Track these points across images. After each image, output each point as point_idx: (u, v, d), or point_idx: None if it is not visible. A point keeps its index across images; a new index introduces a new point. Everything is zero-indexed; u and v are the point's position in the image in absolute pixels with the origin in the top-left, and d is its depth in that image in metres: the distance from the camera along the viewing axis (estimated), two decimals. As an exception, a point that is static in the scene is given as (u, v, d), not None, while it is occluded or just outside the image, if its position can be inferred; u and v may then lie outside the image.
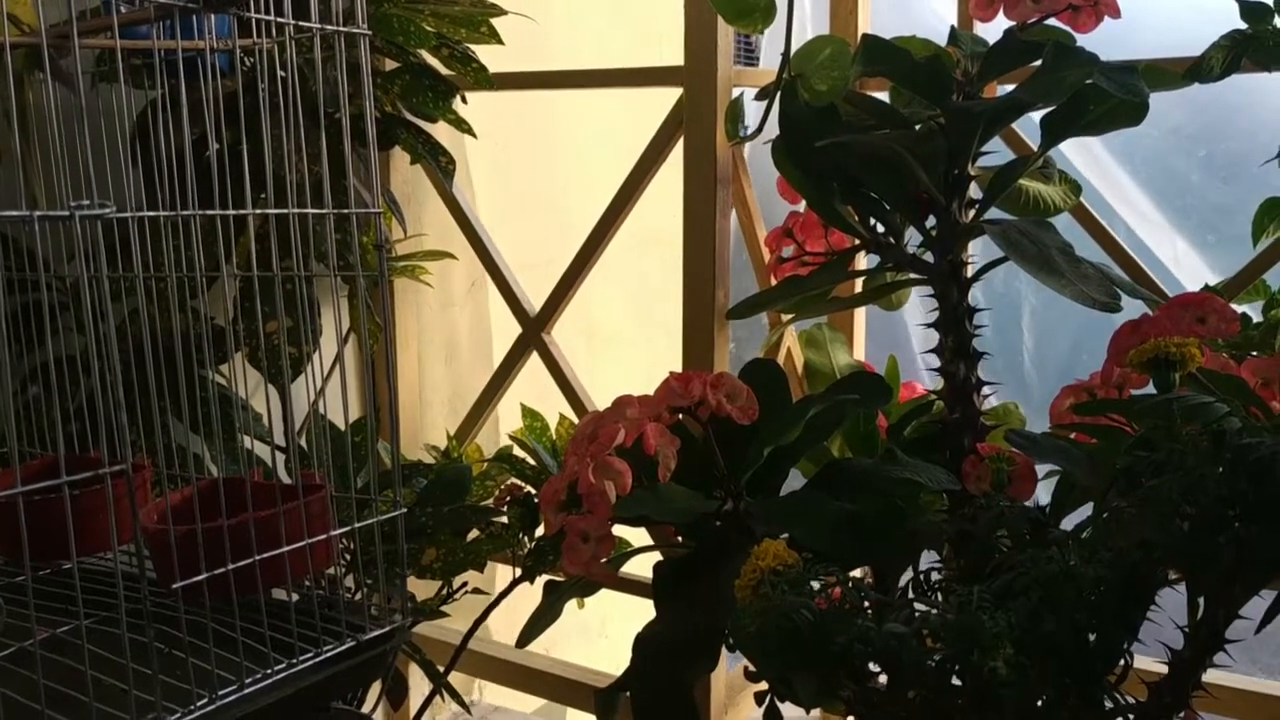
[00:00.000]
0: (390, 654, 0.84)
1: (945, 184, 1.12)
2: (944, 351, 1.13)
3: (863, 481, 1.02)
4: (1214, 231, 1.82)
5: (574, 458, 1.02)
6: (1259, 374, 0.94)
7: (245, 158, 0.78)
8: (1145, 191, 1.87)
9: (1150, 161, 1.88)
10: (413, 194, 1.63)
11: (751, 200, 1.42)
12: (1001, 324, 2.05)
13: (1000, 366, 2.17)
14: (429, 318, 1.73)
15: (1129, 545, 0.74)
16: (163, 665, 0.74)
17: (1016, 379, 2.04)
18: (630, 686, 0.97)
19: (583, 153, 1.97)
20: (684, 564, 1.06)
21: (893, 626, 0.71)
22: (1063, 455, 0.98)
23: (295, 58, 0.82)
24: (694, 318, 1.32)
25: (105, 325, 0.67)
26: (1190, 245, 1.84)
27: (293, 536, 0.80)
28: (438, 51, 1.26)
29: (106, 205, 0.64)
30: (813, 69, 1.11)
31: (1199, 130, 1.83)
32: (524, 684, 1.62)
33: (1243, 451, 0.70)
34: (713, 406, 1.01)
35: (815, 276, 1.24)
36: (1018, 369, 2.07)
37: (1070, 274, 1.02)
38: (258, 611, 0.78)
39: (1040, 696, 0.76)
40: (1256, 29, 0.92)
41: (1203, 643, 0.81)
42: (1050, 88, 1.02)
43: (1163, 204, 1.86)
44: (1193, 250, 1.83)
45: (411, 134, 1.25)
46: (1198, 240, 1.84)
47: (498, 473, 1.43)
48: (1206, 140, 1.83)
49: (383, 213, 0.85)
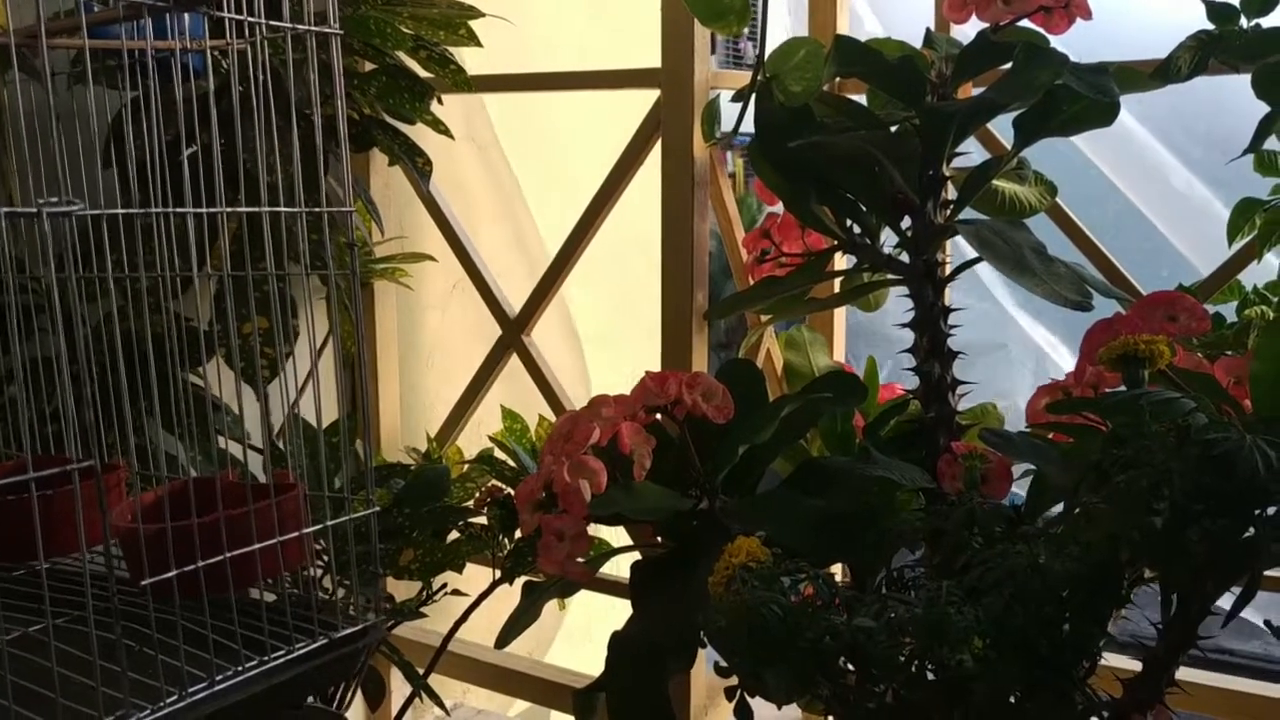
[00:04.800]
0: (363, 652, 0.84)
1: (920, 185, 1.13)
2: (919, 351, 1.14)
3: (838, 480, 1.02)
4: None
5: (550, 457, 1.02)
6: (1231, 373, 0.95)
7: (218, 157, 0.78)
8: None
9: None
10: (393, 197, 1.63)
11: (730, 202, 1.42)
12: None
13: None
14: (411, 320, 1.73)
15: (1097, 539, 0.75)
16: (135, 663, 0.74)
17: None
18: (605, 685, 0.97)
19: (567, 155, 1.97)
20: (661, 563, 1.06)
21: (861, 621, 0.71)
22: (1037, 454, 0.99)
23: (268, 58, 0.82)
24: (672, 318, 1.32)
25: (75, 322, 0.67)
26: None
27: (264, 535, 0.80)
28: (416, 54, 1.26)
29: (75, 203, 0.64)
30: (787, 70, 1.11)
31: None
32: (506, 686, 1.62)
33: (1209, 445, 0.71)
34: (689, 406, 1.02)
35: (792, 277, 1.25)
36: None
37: (1043, 273, 1.03)
38: (229, 610, 0.78)
39: (1011, 691, 0.77)
40: (1223, 30, 0.93)
41: (1176, 639, 0.81)
42: (1022, 88, 1.02)
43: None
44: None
45: (388, 135, 1.25)
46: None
47: (478, 475, 1.43)
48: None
49: (355, 211, 0.85)
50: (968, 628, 0.70)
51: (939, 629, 0.69)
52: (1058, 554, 0.74)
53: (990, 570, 0.75)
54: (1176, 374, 0.88)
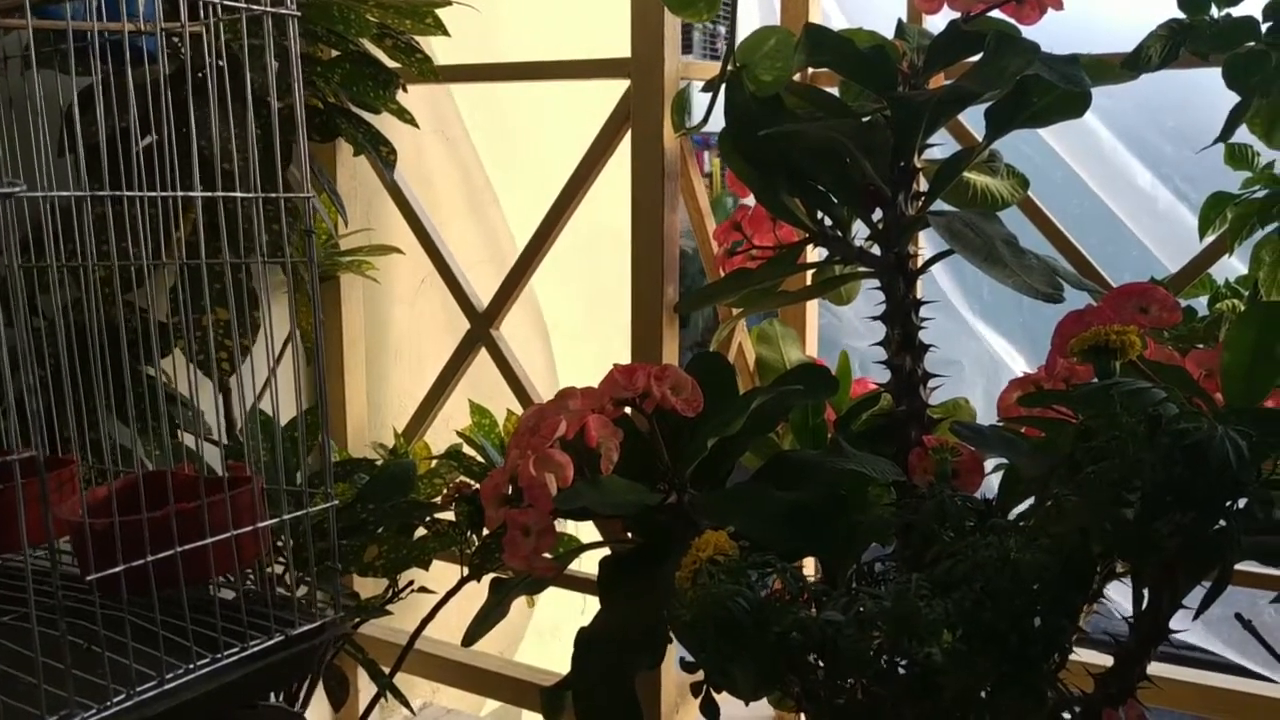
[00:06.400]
0: (321, 649, 0.82)
1: (891, 176, 1.12)
2: (890, 344, 1.13)
3: (807, 473, 1.01)
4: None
5: (516, 451, 1.01)
6: (1203, 366, 0.95)
7: (169, 142, 0.76)
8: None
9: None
10: (360, 189, 1.61)
11: (700, 193, 1.41)
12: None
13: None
14: (379, 315, 1.71)
15: (1067, 531, 0.74)
16: (85, 662, 0.71)
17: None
18: (571, 681, 0.96)
19: (539, 147, 1.96)
20: (629, 559, 1.05)
21: (829, 614, 0.70)
22: (1008, 447, 0.98)
23: (225, 40, 0.80)
24: (642, 311, 1.31)
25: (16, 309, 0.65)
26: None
27: (217, 530, 0.78)
28: (382, 42, 1.24)
29: (17, 184, 0.62)
30: (757, 60, 1.10)
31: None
32: (475, 685, 1.60)
33: (1180, 436, 0.70)
34: (657, 398, 1.00)
35: (763, 270, 1.23)
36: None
37: (1014, 264, 1.02)
38: (181, 606, 0.76)
39: (981, 685, 0.75)
40: (1194, 19, 0.92)
41: (1147, 633, 0.80)
42: (993, 77, 1.01)
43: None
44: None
45: (352, 124, 1.23)
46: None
47: (446, 471, 1.42)
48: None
49: (314, 198, 0.83)
50: (936, 621, 0.69)
51: (908, 622, 0.68)
52: (1027, 546, 0.73)
53: (959, 563, 0.74)
54: (1148, 367, 0.87)
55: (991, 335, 2.50)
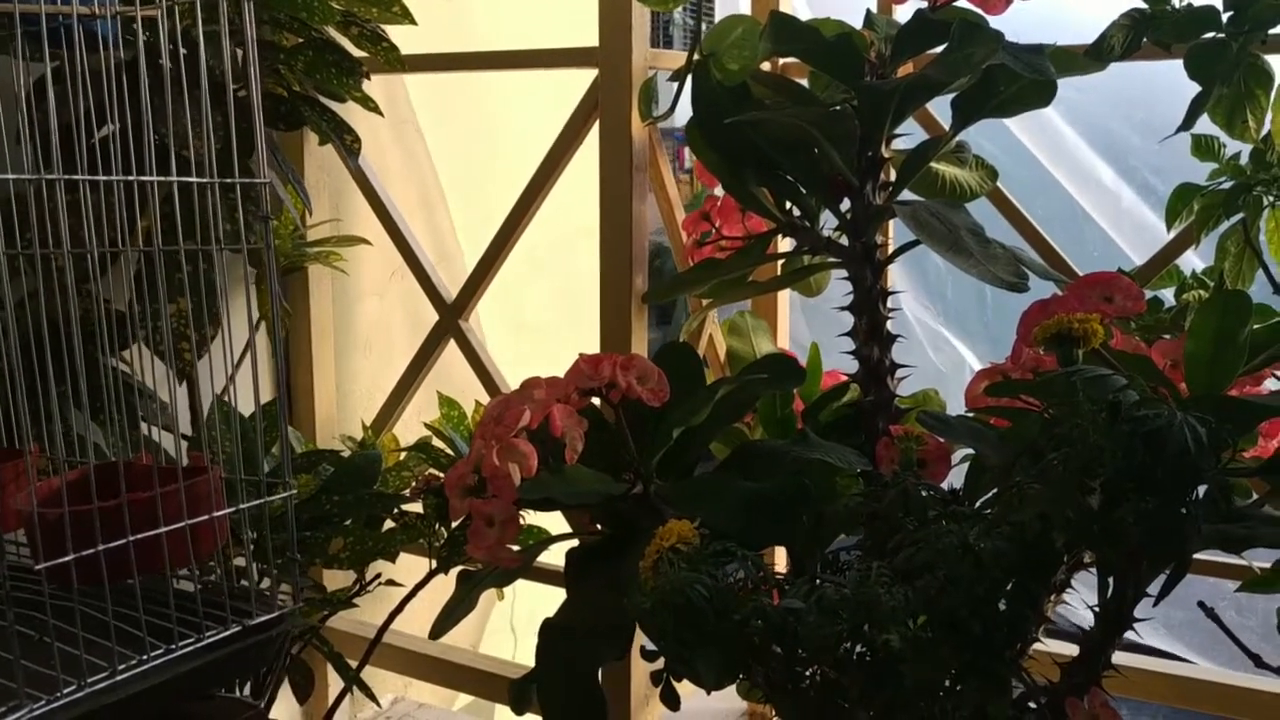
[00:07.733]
0: (279, 640, 0.81)
1: (859, 166, 1.12)
2: (858, 334, 1.13)
3: (774, 463, 1.00)
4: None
5: (480, 440, 1.00)
6: (1168, 356, 0.95)
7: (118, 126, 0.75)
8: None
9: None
10: (329, 180, 1.59)
11: (670, 183, 1.40)
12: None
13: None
14: (349, 307, 1.70)
15: (1028, 519, 0.74)
16: (37, 654, 0.70)
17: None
18: (535, 673, 0.95)
19: (512, 138, 1.94)
20: (594, 549, 1.04)
21: (789, 601, 0.70)
22: (974, 436, 0.98)
23: (181, 25, 0.79)
24: (611, 301, 1.30)
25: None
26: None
27: (171, 520, 0.77)
28: (347, 30, 1.23)
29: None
30: (724, 48, 1.10)
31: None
32: (445, 679, 1.60)
33: (1139, 423, 0.70)
34: (623, 388, 1.00)
35: (732, 260, 1.23)
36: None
37: (979, 254, 1.02)
38: (134, 596, 0.75)
39: (943, 673, 0.75)
40: (1156, 8, 0.92)
41: (1110, 621, 0.81)
42: (958, 65, 1.01)
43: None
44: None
45: (316, 112, 1.22)
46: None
47: (415, 463, 1.40)
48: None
49: (270, 183, 0.82)
50: (897, 608, 0.69)
51: (868, 609, 0.68)
52: (988, 534, 0.73)
53: (921, 550, 0.74)
54: (1114, 356, 0.87)
55: (956, 342, 2.51)
